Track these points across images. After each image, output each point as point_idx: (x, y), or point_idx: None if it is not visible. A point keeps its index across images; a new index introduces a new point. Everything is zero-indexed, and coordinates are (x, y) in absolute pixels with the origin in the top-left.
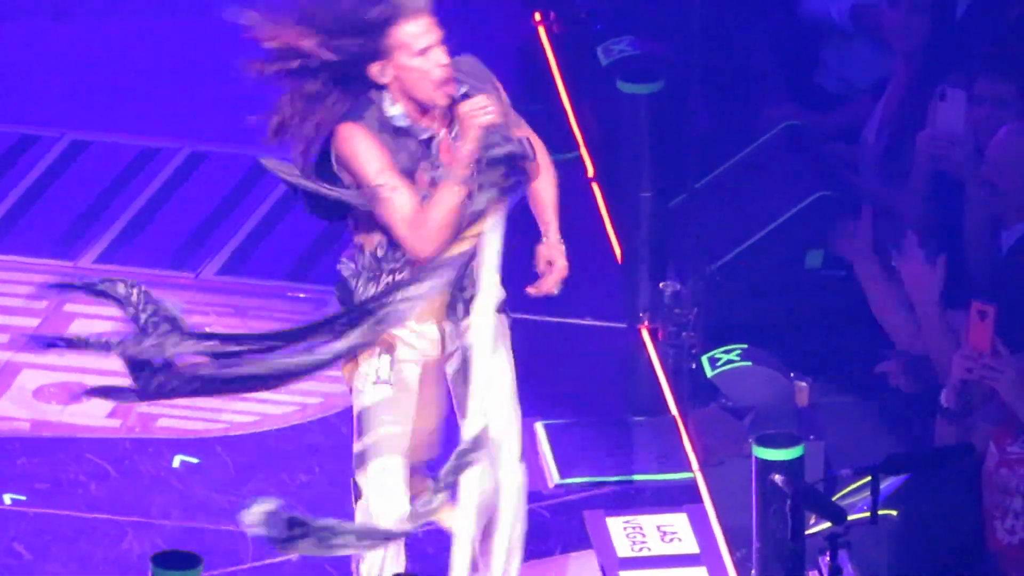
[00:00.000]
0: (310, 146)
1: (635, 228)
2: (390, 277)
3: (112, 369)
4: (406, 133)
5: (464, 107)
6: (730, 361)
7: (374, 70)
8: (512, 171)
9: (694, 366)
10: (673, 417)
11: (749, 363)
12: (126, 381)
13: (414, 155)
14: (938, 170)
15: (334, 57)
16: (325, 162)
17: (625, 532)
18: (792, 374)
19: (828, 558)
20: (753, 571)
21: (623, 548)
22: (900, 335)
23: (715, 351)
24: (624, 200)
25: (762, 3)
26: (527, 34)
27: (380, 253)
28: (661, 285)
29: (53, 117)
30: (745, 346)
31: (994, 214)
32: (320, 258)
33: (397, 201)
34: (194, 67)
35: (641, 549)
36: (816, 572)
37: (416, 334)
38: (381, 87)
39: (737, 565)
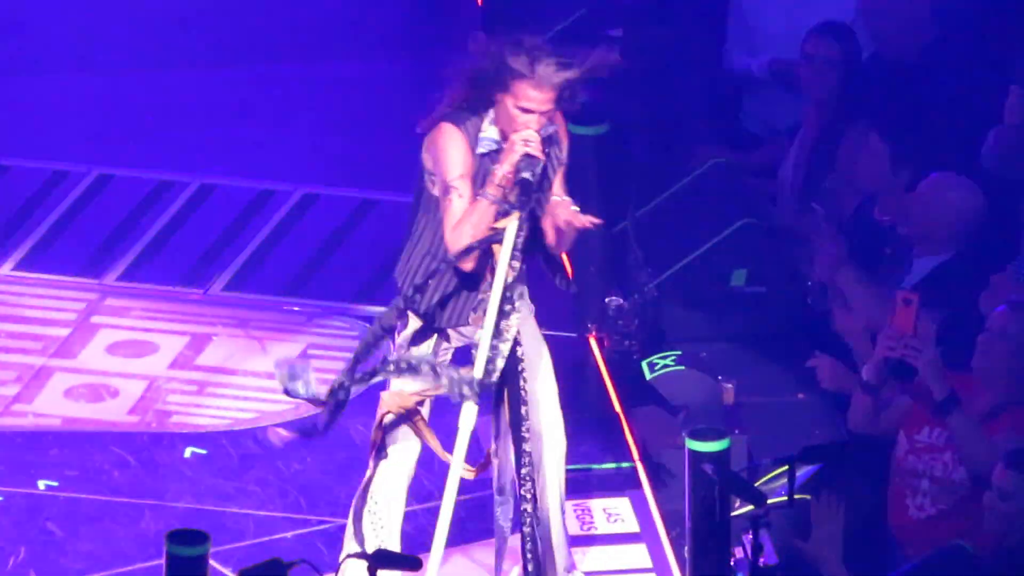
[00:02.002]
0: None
1: (584, 250)
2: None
3: (134, 372)
4: (486, 154)
5: (516, 136)
6: (666, 366)
7: (497, 96)
8: (526, 195)
9: (635, 370)
10: (617, 414)
11: (682, 367)
12: (143, 383)
13: (482, 175)
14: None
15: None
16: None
17: (575, 514)
18: (719, 376)
19: (751, 536)
20: (686, 547)
21: (573, 527)
22: (860, 349)
23: (653, 357)
24: None
25: (693, 58)
26: None
27: None
28: (607, 300)
29: (81, 154)
30: (679, 352)
31: (910, 243)
32: (312, 277)
33: (455, 205)
34: (204, 111)
35: (589, 528)
36: (740, 548)
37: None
38: (488, 111)
39: (672, 542)
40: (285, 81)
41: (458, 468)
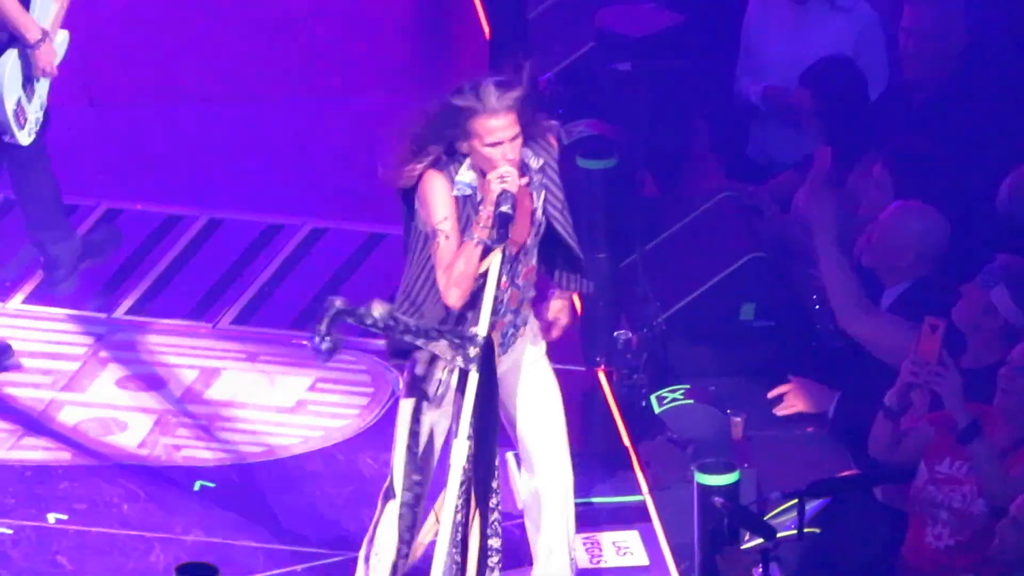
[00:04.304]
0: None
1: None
2: None
3: (143, 406)
4: (467, 198)
5: (492, 174)
6: (675, 399)
7: (462, 146)
8: (503, 227)
9: (644, 404)
10: (626, 448)
11: (691, 401)
12: (152, 417)
13: (465, 216)
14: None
15: (438, 142)
16: (410, 193)
17: (584, 546)
18: (728, 410)
19: (760, 570)
20: None
21: (583, 560)
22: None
23: (662, 391)
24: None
25: (702, 91)
26: None
27: None
28: (615, 334)
29: (89, 188)
30: (688, 386)
31: (876, 275)
32: (320, 310)
33: (444, 248)
34: (213, 145)
35: (598, 562)
36: None
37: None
38: (465, 158)
39: (682, 575)
40: (293, 116)
41: (452, 499)
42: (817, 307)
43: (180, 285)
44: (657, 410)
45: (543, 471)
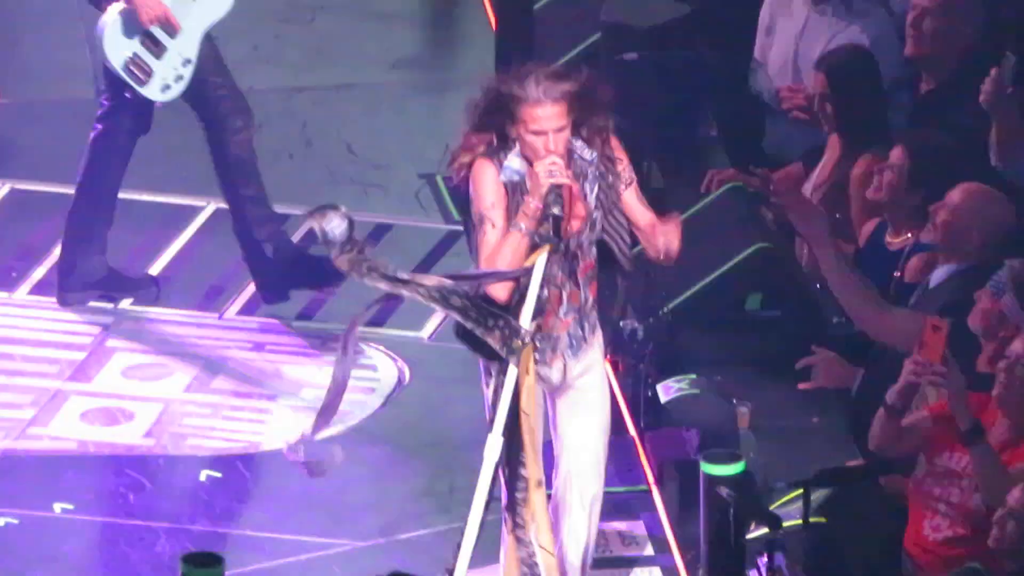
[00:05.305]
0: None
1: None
2: None
3: (149, 396)
4: (516, 183)
5: (539, 165)
6: (681, 389)
7: (511, 131)
8: (556, 230)
9: (650, 394)
10: (632, 438)
11: (697, 391)
12: (159, 406)
13: (515, 204)
14: None
15: (489, 126)
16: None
17: None
18: (734, 400)
19: (766, 559)
20: (701, 571)
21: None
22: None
23: (668, 380)
24: None
25: (706, 82)
26: None
27: None
28: (621, 324)
29: None
30: (694, 376)
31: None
32: (324, 301)
33: (489, 236)
34: None
35: (604, 552)
36: (755, 572)
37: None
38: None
39: (687, 566)
40: (300, 106)
41: (483, 493)
42: (819, 286)
43: (186, 275)
44: (663, 400)
45: (575, 471)
